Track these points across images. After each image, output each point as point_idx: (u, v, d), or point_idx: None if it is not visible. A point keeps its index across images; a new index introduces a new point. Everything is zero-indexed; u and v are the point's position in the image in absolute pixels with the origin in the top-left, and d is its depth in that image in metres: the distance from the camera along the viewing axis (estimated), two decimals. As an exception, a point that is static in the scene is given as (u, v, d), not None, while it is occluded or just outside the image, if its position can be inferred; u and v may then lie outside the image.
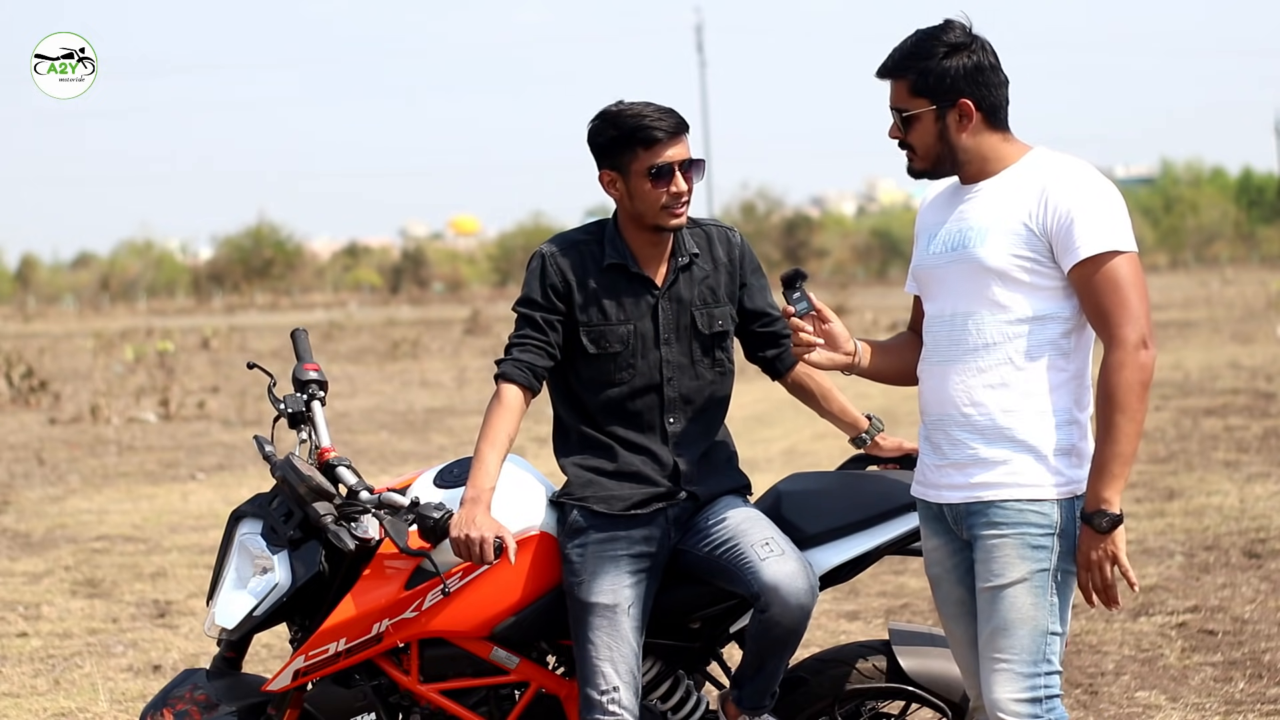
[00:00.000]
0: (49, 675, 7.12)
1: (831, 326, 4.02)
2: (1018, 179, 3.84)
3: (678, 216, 4.24)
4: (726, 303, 4.35)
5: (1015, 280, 3.80)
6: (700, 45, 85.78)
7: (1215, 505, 10.18)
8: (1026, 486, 3.81)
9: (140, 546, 10.13)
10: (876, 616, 7.70)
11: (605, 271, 4.28)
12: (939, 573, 4.01)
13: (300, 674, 4.25)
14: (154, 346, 26.06)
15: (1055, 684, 3.86)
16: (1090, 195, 3.78)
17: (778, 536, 4.17)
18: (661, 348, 4.28)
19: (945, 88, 3.83)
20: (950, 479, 3.89)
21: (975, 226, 3.84)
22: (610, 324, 4.27)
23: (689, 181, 4.24)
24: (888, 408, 17.45)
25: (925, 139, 3.89)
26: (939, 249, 3.91)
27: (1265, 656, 6.69)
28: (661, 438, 4.29)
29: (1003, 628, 3.83)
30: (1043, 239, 3.78)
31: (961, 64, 3.83)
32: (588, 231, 4.36)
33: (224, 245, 80.00)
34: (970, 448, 3.85)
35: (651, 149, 4.20)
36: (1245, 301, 37.24)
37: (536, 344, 4.25)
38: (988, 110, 3.86)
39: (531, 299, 4.27)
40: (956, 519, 3.91)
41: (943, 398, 3.89)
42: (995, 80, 3.86)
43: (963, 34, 3.86)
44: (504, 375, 4.24)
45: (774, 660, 4.16)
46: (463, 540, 4.03)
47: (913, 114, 3.87)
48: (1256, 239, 77.90)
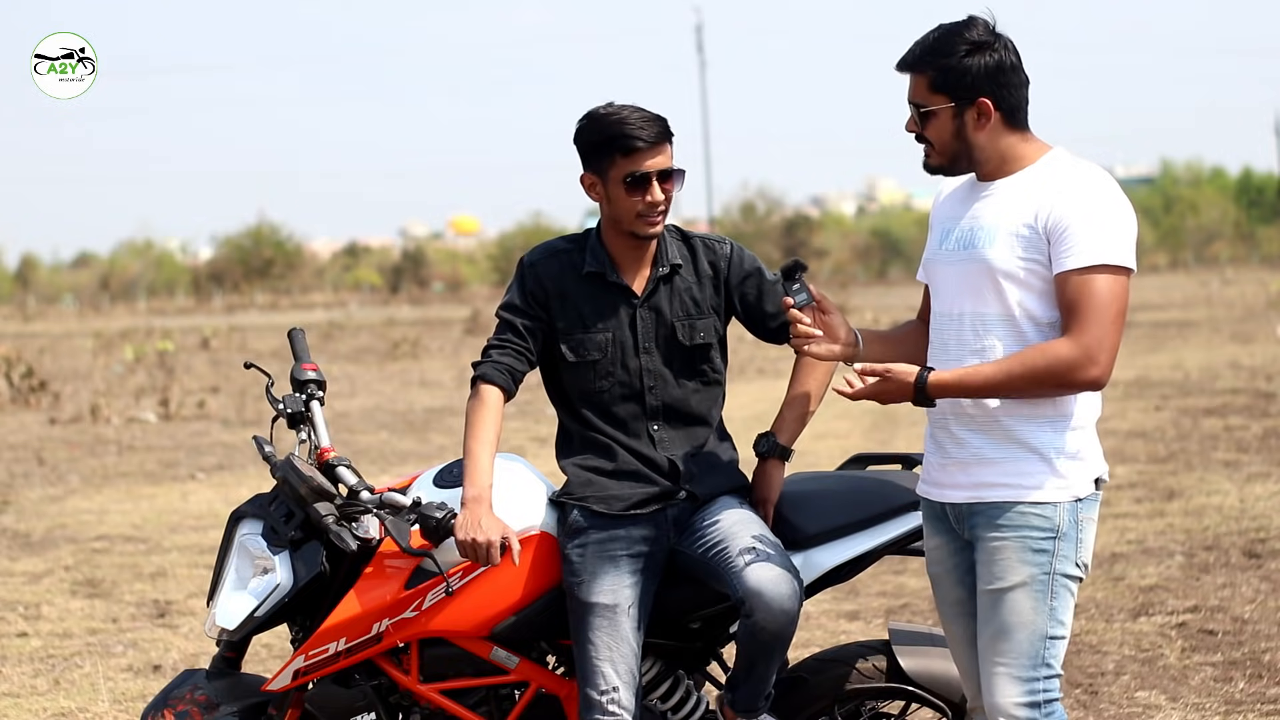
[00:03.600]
0: (49, 675, 7.12)
1: (832, 317, 3.99)
2: (1031, 181, 3.81)
3: (653, 225, 4.24)
4: (710, 315, 4.34)
5: (1021, 283, 3.78)
6: (700, 45, 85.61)
7: (1215, 505, 10.18)
8: (1029, 489, 3.80)
9: (140, 546, 10.13)
10: (876, 616, 7.70)
11: (584, 280, 4.29)
12: (939, 572, 4.01)
13: (300, 674, 4.25)
14: (154, 346, 26.05)
15: (1055, 687, 3.86)
16: (1093, 206, 3.74)
17: (765, 540, 4.16)
18: (641, 356, 4.28)
19: (965, 86, 3.80)
20: (953, 478, 3.89)
21: (985, 227, 3.82)
22: (588, 332, 4.27)
23: (666, 192, 4.23)
24: (887, 407, 17.46)
25: (942, 135, 3.85)
26: (951, 245, 3.90)
27: (1265, 656, 6.69)
28: (650, 443, 4.30)
29: (1003, 631, 3.82)
30: (1044, 243, 3.75)
31: (983, 63, 3.79)
32: (571, 240, 4.38)
33: (224, 245, 79.98)
34: (974, 448, 3.84)
35: (631, 156, 4.19)
36: (1245, 301, 37.24)
37: (515, 349, 4.28)
38: (1007, 110, 3.83)
39: (513, 304, 4.30)
40: (958, 518, 3.91)
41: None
42: (1016, 80, 3.83)
43: (986, 32, 3.82)
44: (483, 376, 4.26)
45: (764, 664, 4.15)
46: (469, 542, 4.04)
47: (930, 110, 3.84)
48: (1256, 239, 77.88)
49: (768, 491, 4.34)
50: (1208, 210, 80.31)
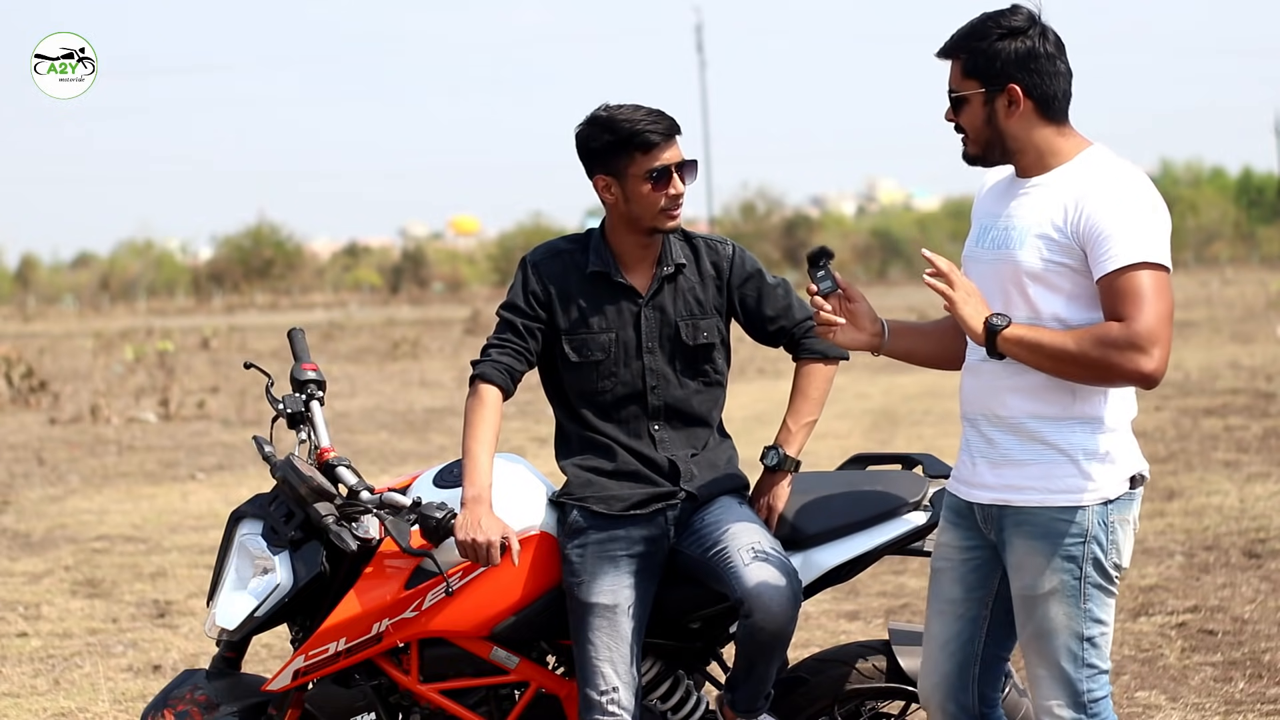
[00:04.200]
0: (49, 675, 7.12)
1: (858, 305, 3.94)
2: (1064, 181, 3.75)
3: (674, 218, 4.26)
4: (713, 315, 4.34)
5: (1049, 285, 3.73)
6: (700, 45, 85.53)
7: (1215, 505, 10.18)
8: (1060, 494, 3.75)
9: (140, 546, 10.13)
10: (876, 616, 7.70)
11: (588, 280, 4.29)
12: (943, 567, 3.97)
13: (300, 674, 4.25)
14: (154, 346, 26.05)
15: (1100, 684, 3.81)
16: (1130, 206, 3.68)
17: (765, 541, 4.16)
18: (644, 356, 4.29)
19: (995, 71, 3.74)
20: (982, 478, 3.84)
21: (1018, 227, 3.77)
22: (592, 332, 4.28)
23: (684, 182, 4.25)
24: (887, 407, 17.46)
25: (974, 122, 3.80)
26: (987, 244, 3.84)
27: (1265, 656, 6.69)
28: (651, 443, 4.30)
29: (1039, 635, 3.79)
30: (1077, 245, 3.69)
31: (1014, 48, 3.73)
32: (573, 240, 4.38)
33: (224, 245, 79.92)
34: (1003, 448, 3.80)
35: (649, 153, 4.21)
36: (1245, 301, 37.24)
37: (515, 349, 4.28)
38: (1039, 99, 3.75)
39: (514, 304, 4.31)
40: (986, 519, 3.86)
41: (980, 397, 3.84)
42: (1050, 69, 3.75)
43: (1024, 19, 3.76)
44: (482, 375, 4.26)
45: (763, 664, 4.15)
46: (469, 543, 4.04)
47: (962, 95, 3.79)
48: (1256, 239, 77.87)
49: (775, 502, 4.34)
50: (1208, 210, 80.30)
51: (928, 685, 3.99)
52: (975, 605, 3.94)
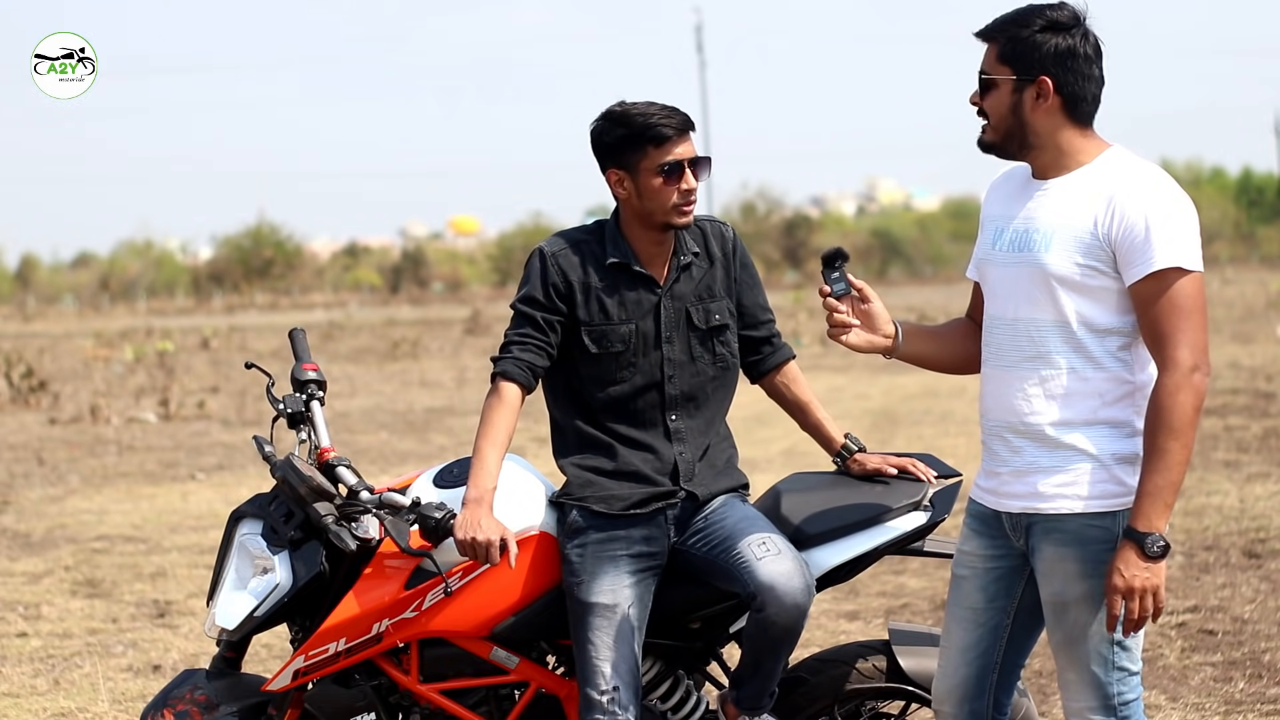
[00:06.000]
0: (49, 675, 7.12)
1: (871, 307, 3.94)
2: (1089, 181, 3.73)
3: (686, 215, 4.27)
4: (723, 297, 4.35)
5: (1080, 288, 3.70)
6: (700, 45, 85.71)
7: (1215, 505, 10.18)
8: (1088, 500, 3.73)
9: (140, 546, 10.14)
10: (876, 616, 7.70)
11: (608, 270, 4.28)
12: (965, 574, 3.94)
13: (300, 674, 4.25)
14: (154, 346, 26.05)
15: (1131, 686, 3.79)
16: (1161, 208, 3.67)
17: (775, 536, 4.16)
18: (663, 346, 4.28)
19: (1030, 61, 3.72)
20: (1010, 487, 3.81)
21: (1041, 229, 3.74)
22: (612, 323, 4.27)
23: (697, 178, 4.26)
24: (887, 407, 17.45)
25: (999, 108, 3.77)
26: (1004, 246, 3.81)
27: (1265, 656, 6.69)
28: (664, 434, 4.29)
29: (1069, 641, 3.78)
30: (1108, 248, 3.67)
31: (1054, 42, 3.71)
32: (588, 231, 4.37)
33: (224, 245, 79.88)
34: (1030, 456, 3.77)
35: (662, 147, 4.22)
36: (1245, 301, 37.23)
37: (536, 344, 4.25)
38: (1068, 97, 3.73)
39: (533, 298, 4.27)
40: (1015, 528, 3.84)
41: (1003, 404, 3.81)
42: (1085, 71, 3.74)
43: (1069, 16, 3.75)
44: (504, 373, 4.23)
45: (771, 660, 4.15)
46: (468, 543, 4.04)
47: (992, 79, 3.76)
48: (1256, 239, 77.85)
49: (884, 465, 4.41)
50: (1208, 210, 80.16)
51: (943, 689, 3.99)
52: (997, 614, 3.92)
